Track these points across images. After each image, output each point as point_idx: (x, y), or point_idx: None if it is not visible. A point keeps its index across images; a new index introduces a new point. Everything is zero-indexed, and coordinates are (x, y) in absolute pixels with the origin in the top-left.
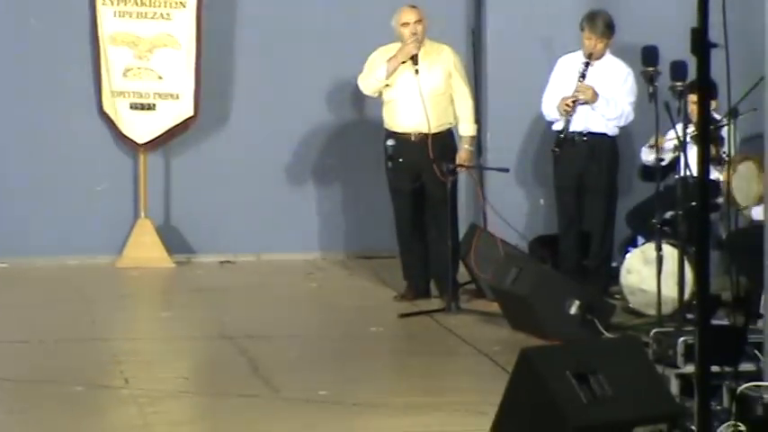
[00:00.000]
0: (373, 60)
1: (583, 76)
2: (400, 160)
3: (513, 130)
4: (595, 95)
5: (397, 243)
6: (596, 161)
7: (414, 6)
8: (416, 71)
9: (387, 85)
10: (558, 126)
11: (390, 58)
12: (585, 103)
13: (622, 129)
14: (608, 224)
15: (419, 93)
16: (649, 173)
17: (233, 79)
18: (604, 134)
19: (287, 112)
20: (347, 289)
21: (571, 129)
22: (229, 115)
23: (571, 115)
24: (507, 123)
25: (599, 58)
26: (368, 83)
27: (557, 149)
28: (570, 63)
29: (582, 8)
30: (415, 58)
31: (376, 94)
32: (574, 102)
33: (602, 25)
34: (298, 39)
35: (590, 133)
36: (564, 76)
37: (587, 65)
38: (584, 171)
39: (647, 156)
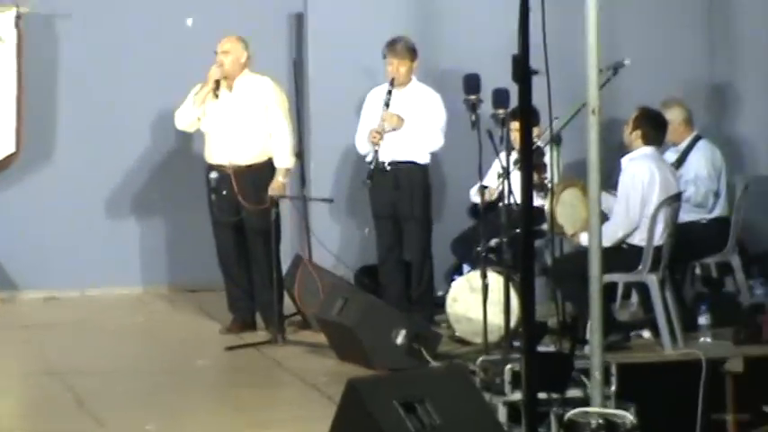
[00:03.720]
0: (191, 94)
1: (387, 104)
2: (223, 193)
3: (337, 161)
4: (401, 121)
5: (221, 275)
6: (406, 190)
7: (236, 38)
8: (216, 95)
9: (199, 119)
10: (368, 157)
11: (198, 91)
12: (393, 130)
13: (439, 157)
14: (425, 252)
15: (229, 124)
16: (478, 212)
17: (56, 114)
18: (413, 162)
19: (110, 146)
20: (173, 322)
21: (381, 158)
22: (53, 151)
23: (378, 146)
24: (331, 154)
25: (404, 84)
26: (181, 116)
27: (368, 181)
28: (378, 95)
29: None
30: (218, 87)
31: (191, 129)
32: (380, 131)
33: (403, 49)
34: (121, 72)
35: (398, 162)
36: (373, 108)
37: (390, 92)
38: (396, 200)
39: (476, 197)
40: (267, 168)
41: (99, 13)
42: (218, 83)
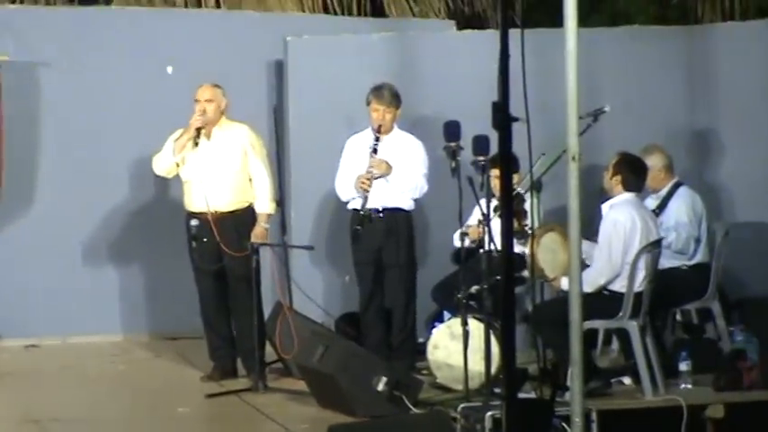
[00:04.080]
0: (170, 140)
1: (375, 150)
2: (204, 240)
3: (318, 208)
4: (389, 168)
5: (202, 323)
6: (394, 236)
7: (213, 85)
8: (196, 143)
9: (178, 165)
10: (356, 204)
11: (178, 137)
12: (381, 176)
13: (420, 204)
14: (409, 299)
15: (209, 171)
16: (461, 257)
17: (37, 161)
18: (400, 209)
19: (91, 193)
20: (153, 370)
21: (368, 205)
22: (33, 197)
23: (368, 192)
24: (311, 201)
25: (388, 131)
26: (158, 162)
27: (359, 227)
28: (359, 141)
29: None
30: (199, 135)
31: (169, 175)
32: (369, 178)
33: (389, 95)
34: (102, 119)
35: (386, 209)
36: (354, 155)
37: (377, 139)
38: (382, 247)
39: (459, 242)
40: (248, 214)
41: (79, 60)
42: (198, 131)
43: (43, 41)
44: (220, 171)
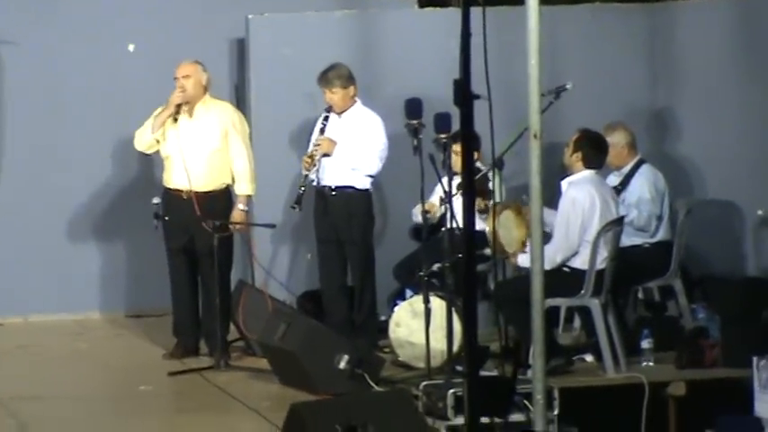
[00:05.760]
0: (153, 116)
1: (322, 130)
2: (166, 218)
3: (280, 186)
4: (332, 144)
5: (170, 299)
6: (348, 215)
7: (192, 61)
8: (175, 119)
9: (158, 141)
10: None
11: (158, 113)
12: (326, 155)
13: (382, 182)
14: (366, 277)
15: (188, 149)
16: (420, 233)
17: (4, 136)
18: (352, 187)
19: (54, 172)
20: (117, 348)
21: (322, 183)
22: (0, 174)
23: (312, 170)
24: (273, 179)
25: (345, 109)
26: (139, 138)
27: (296, 206)
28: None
29: (346, 63)
30: (178, 111)
31: (149, 151)
32: (312, 156)
33: (334, 77)
34: (65, 98)
35: (338, 187)
36: (316, 132)
37: (326, 118)
38: (338, 224)
39: (419, 217)
40: (224, 196)
41: (40, 39)
42: (178, 107)
43: (2, 21)
44: (201, 150)
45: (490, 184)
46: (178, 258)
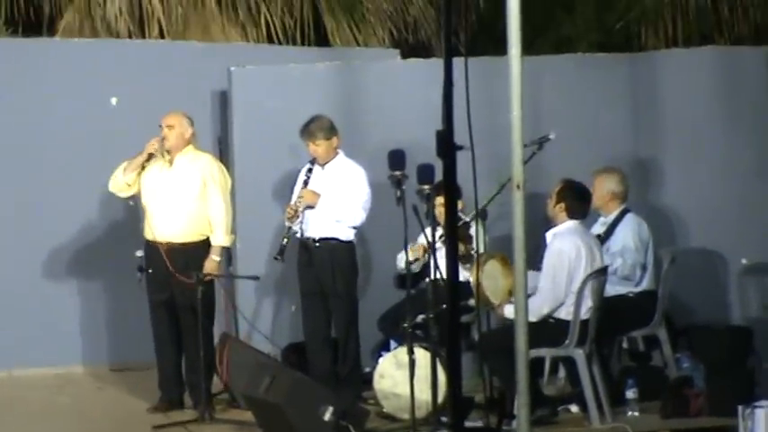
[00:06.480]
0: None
1: (305, 182)
2: (150, 271)
3: (264, 238)
4: (315, 196)
5: (154, 353)
6: (332, 266)
7: (180, 113)
8: (143, 167)
9: (129, 186)
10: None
11: (133, 159)
12: (310, 207)
13: (366, 233)
14: (350, 329)
15: (166, 199)
16: (405, 282)
17: None
18: (336, 239)
19: (37, 225)
20: (101, 402)
21: (306, 235)
22: None
23: (296, 222)
24: (257, 231)
25: (327, 161)
26: (113, 179)
27: (279, 257)
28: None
29: (329, 115)
30: (149, 160)
31: (121, 193)
32: (296, 208)
33: (316, 129)
34: (46, 149)
35: (322, 239)
36: (299, 184)
37: (310, 170)
38: (322, 276)
39: (402, 264)
40: (201, 248)
41: (22, 93)
42: (149, 156)
43: None
44: (178, 199)
45: (472, 231)
46: (160, 311)
